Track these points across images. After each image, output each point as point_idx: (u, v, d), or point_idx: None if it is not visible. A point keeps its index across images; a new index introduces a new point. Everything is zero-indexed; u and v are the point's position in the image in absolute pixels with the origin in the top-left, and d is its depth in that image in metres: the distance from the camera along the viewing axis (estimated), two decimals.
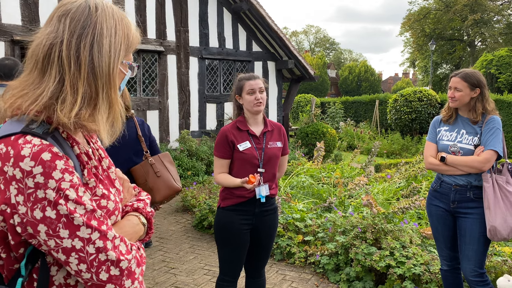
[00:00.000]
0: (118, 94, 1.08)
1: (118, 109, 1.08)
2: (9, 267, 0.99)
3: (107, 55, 1.02)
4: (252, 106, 2.66)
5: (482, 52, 32.13)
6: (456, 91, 2.88)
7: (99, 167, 1.13)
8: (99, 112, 1.03)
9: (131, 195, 1.28)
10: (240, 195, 2.66)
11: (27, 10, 7.70)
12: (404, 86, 45.14)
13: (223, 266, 2.77)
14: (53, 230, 0.92)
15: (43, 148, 0.93)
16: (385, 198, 5.71)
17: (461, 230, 2.90)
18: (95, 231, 0.96)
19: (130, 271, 1.00)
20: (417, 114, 15.36)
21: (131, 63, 1.13)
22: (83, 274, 0.96)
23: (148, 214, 1.24)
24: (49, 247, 0.94)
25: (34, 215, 0.92)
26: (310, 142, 11.07)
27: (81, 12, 1.02)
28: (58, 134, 1.02)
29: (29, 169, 0.91)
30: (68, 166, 0.96)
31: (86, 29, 1.01)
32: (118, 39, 1.05)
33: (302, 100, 24.21)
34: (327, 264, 4.15)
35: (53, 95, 0.98)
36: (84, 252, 0.94)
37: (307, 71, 11.62)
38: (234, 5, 10.41)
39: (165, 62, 9.56)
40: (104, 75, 1.02)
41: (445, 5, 35.67)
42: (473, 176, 2.84)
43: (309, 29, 69.45)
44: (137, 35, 1.13)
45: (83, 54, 0.99)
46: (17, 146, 0.93)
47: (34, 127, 0.97)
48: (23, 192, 0.91)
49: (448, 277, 3.09)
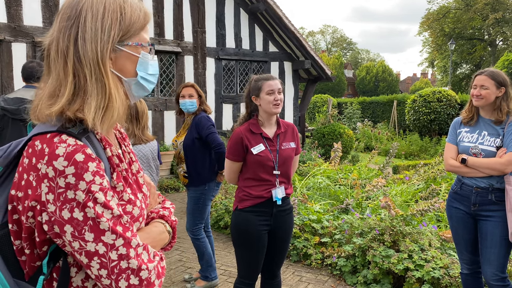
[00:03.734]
0: (116, 80, 1.04)
1: (115, 95, 1.02)
2: (31, 264, 1.00)
3: (92, 40, 0.99)
4: (271, 106, 2.64)
5: (503, 52, 31.47)
6: (483, 89, 2.82)
7: (129, 170, 1.13)
8: (88, 101, 0.99)
9: (156, 202, 1.27)
10: (258, 196, 2.63)
11: (48, 12, 7.84)
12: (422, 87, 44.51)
13: (241, 269, 2.75)
14: (78, 232, 0.93)
15: (77, 149, 0.94)
16: (403, 200, 5.63)
17: (482, 233, 2.83)
18: (120, 238, 0.95)
19: (149, 282, 0.99)
20: (436, 115, 15.13)
21: (140, 43, 1.07)
22: (103, 280, 0.95)
23: (173, 223, 1.23)
24: (73, 248, 0.94)
25: (62, 215, 0.92)
26: (326, 143, 11.00)
27: (68, 6, 1.02)
28: (92, 135, 1.02)
29: (62, 168, 0.92)
30: (100, 169, 0.96)
31: (70, 20, 1.00)
32: (107, 21, 1.01)
33: (318, 101, 24.10)
34: (344, 266, 4.12)
35: (52, 91, 1.00)
36: (106, 258, 0.94)
37: (324, 71, 11.56)
38: (251, 6, 10.42)
39: (182, 63, 9.63)
40: (91, 61, 0.99)
41: (465, 4, 35.07)
42: (495, 178, 2.78)
43: (326, 29, 69.14)
44: (142, 13, 1.08)
45: (69, 47, 1.00)
46: (52, 144, 0.94)
47: (70, 127, 0.98)
48: (53, 191, 0.92)
49: (468, 281, 3.03)
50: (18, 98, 3.31)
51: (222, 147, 3.61)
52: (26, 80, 3.46)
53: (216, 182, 3.84)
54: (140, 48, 1.07)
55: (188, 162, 3.78)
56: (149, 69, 1.11)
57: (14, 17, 7.51)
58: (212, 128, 3.70)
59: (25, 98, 3.30)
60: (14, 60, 7.52)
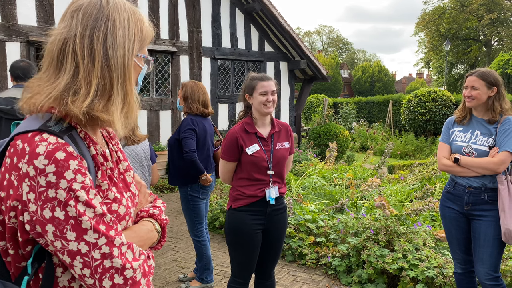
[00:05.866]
0: (133, 86, 1.08)
1: (133, 101, 1.07)
2: (16, 264, 0.99)
3: (121, 46, 1.02)
4: (262, 107, 2.63)
5: (498, 52, 31.62)
6: (473, 90, 2.82)
7: (115, 169, 1.12)
8: (113, 103, 1.02)
9: (147, 201, 1.26)
10: (252, 195, 2.63)
11: (42, 11, 7.80)
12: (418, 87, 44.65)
13: (235, 269, 2.75)
14: (60, 231, 0.92)
15: (58, 147, 0.93)
16: (398, 199, 5.64)
17: (475, 233, 2.84)
18: (102, 236, 0.94)
19: (135, 281, 0.98)
20: (431, 115, 15.17)
21: (146, 57, 1.13)
22: (86, 279, 0.94)
23: (163, 222, 1.22)
24: (55, 248, 0.94)
25: (44, 214, 0.91)
26: (322, 142, 11.01)
27: (93, 6, 1.02)
28: (75, 134, 1.01)
29: (42, 167, 0.91)
30: (82, 167, 0.95)
31: (98, 21, 1.01)
32: (132, 31, 1.05)
33: (314, 101, 24.11)
34: (339, 265, 4.12)
35: (66, 87, 0.98)
36: (89, 257, 0.93)
37: (319, 71, 11.57)
38: (246, 6, 10.42)
39: (177, 63, 9.61)
40: (119, 66, 1.02)
41: (460, 5, 35.19)
42: (487, 178, 2.79)
43: (322, 29, 69.22)
44: (150, 29, 1.13)
45: (96, 47, 1.00)
46: (33, 143, 0.93)
47: (51, 125, 0.97)
48: (35, 190, 0.91)
49: (462, 281, 3.04)
50: (10, 98, 3.29)
51: (190, 154, 3.58)
52: (17, 79, 3.43)
53: (201, 184, 3.76)
54: (143, 60, 1.13)
55: (168, 160, 3.82)
56: (141, 79, 1.17)
57: (8, 16, 7.47)
58: (188, 133, 3.63)
59: (17, 98, 3.27)
60: (8, 60, 7.48)
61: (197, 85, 3.80)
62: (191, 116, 3.74)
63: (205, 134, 3.77)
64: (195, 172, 3.65)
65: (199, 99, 3.74)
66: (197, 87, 3.78)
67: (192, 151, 3.59)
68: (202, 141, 3.74)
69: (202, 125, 3.75)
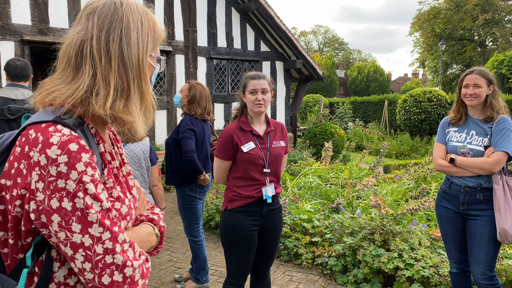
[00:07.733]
0: (149, 85, 1.11)
1: (150, 100, 1.10)
2: (13, 255, 0.98)
3: (135, 47, 1.05)
4: (253, 106, 2.62)
5: (493, 52, 31.77)
6: (476, 88, 2.81)
7: (120, 170, 1.14)
8: (132, 103, 1.05)
9: (145, 208, 1.28)
10: (248, 196, 2.61)
11: (37, 10, 7.75)
12: (413, 87, 44.78)
13: (231, 270, 2.73)
14: (66, 222, 0.92)
15: (71, 139, 0.93)
16: (393, 199, 5.65)
17: (471, 232, 2.85)
18: (107, 231, 0.95)
19: (133, 281, 0.98)
20: (426, 114, 15.21)
21: (159, 56, 1.16)
22: (86, 273, 0.94)
23: (161, 228, 1.24)
24: (58, 239, 0.93)
25: (51, 204, 0.91)
26: (318, 142, 11.01)
27: (108, 8, 1.05)
28: (87, 129, 1.03)
29: (54, 156, 0.91)
30: (92, 161, 0.96)
31: (113, 23, 1.04)
32: (145, 32, 1.08)
33: (310, 100, 24.12)
34: (335, 265, 4.12)
35: (88, 88, 1.00)
36: (91, 251, 0.93)
37: (315, 71, 11.57)
38: (242, 5, 10.40)
39: (173, 62, 9.58)
40: (134, 66, 1.05)
41: (455, 5, 35.34)
42: (483, 178, 2.79)
43: (318, 29, 69.32)
44: (162, 29, 1.16)
45: (112, 48, 1.02)
46: (47, 133, 0.94)
47: (66, 118, 0.99)
48: (44, 179, 0.91)
49: (457, 280, 3.04)
50: (2, 97, 3.26)
51: (189, 154, 3.57)
52: (14, 78, 3.41)
53: (199, 184, 3.75)
54: (155, 59, 1.16)
55: (166, 160, 3.80)
56: (154, 78, 1.20)
57: (2, 15, 7.41)
58: (187, 133, 3.62)
59: (8, 97, 3.26)
60: (2, 59, 7.42)
61: (206, 91, 3.80)
62: (190, 116, 3.73)
63: (204, 134, 3.76)
64: (194, 172, 3.64)
65: (205, 106, 3.74)
66: (206, 93, 3.78)
67: (192, 151, 3.59)
68: (201, 141, 3.73)
69: (201, 125, 3.74)
